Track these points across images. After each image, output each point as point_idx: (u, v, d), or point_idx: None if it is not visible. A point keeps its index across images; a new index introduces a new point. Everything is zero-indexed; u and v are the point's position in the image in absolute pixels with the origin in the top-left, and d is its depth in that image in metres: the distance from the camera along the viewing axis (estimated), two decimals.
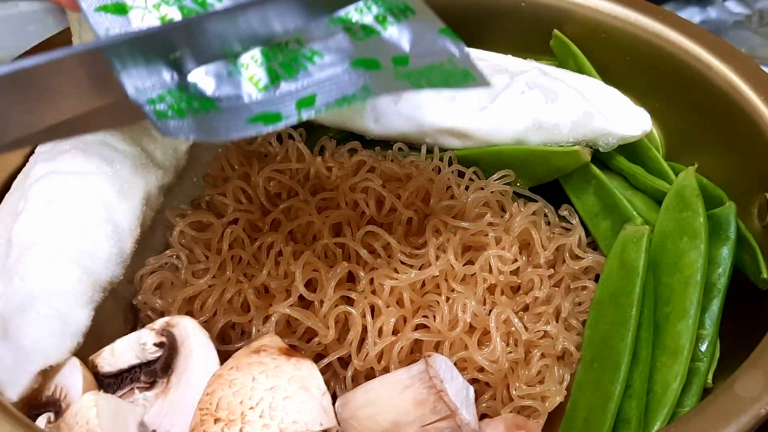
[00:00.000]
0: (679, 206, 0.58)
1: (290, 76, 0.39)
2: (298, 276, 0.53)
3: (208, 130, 0.37)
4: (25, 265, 0.50)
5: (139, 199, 0.55)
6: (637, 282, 0.55)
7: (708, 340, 0.54)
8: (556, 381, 0.54)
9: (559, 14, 0.71)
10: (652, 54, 0.67)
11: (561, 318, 0.57)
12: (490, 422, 0.49)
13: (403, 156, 0.64)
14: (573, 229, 0.61)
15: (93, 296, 0.51)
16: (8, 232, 0.53)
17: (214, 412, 0.43)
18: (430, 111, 0.62)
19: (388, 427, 0.45)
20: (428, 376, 0.45)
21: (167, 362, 0.49)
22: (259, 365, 0.45)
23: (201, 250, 0.57)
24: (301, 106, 0.39)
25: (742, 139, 0.61)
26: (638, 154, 0.64)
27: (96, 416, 0.43)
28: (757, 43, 0.92)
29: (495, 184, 0.61)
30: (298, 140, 0.63)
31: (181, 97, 0.37)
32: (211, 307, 0.54)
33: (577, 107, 0.61)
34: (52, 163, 0.55)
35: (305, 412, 0.43)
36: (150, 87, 0.37)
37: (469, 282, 0.55)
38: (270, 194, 0.60)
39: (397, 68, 0.41)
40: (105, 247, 0.52)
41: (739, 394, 0.44)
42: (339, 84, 0.40)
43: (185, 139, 0.43)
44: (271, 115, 0.38)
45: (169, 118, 0.37)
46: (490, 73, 0.64)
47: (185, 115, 0.37)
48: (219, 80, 0.38)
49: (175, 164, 0.61)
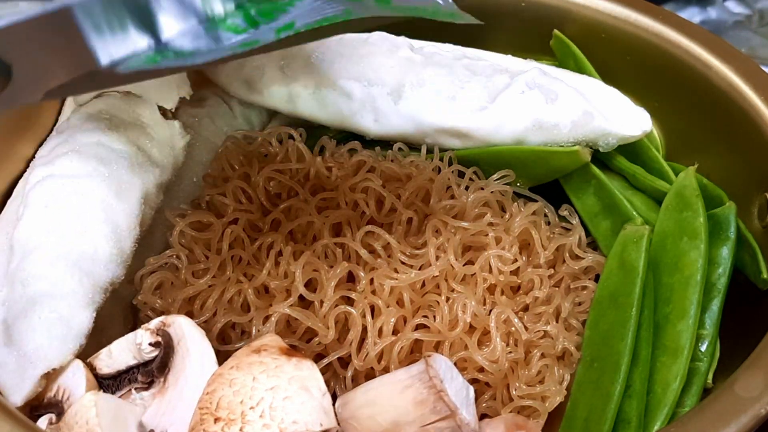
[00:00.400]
0: (679, 206, 0.58)
1: (271, 20, 0.39)
2: (298, 276, 0.53)
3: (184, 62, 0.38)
4: (25, 270, 0.50)
5: (137, 198, 0.55)
6: (637, 282, 0.55)
7: (708, 340, 0.54)
8: (556, 381, 0.54)
9: (559, 14, 0.71)
10: (652, 54, 0.67)
11: (561, 318, 0.57)
12: (490, 422, 0.49)
13: (403, 156, 0.64)
14: (573, 229, 0.61)
15: (94, 298, 0.51)
16: (9, 239, 0.53)
17: (214, 412, 0.43)
18: (430, 111, 0.62)
19: (388, 427, 0.45)
20: (428, 376, 0.45)
21: (164, 362, 0.49)
22: (260, 365, 0.45)
23: (201, 250, 0.57)
24: (280, 31, 0.39)
25: (742, 139, 0.61)
26: (638, 154, 0.64)
27: (96, 416, 0.43)
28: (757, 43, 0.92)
29: (495, 184, 0.61)
30: (298, 140, 0.63)
31: (156, 56, 0.38)
32: (211, 307, 0.54)
33: (577, 107, 0.61)
34: (50, 167, 0.55)
35: (305, 413, 0.43)
36: (124, 55, 0.37)
37: (469, 282, 0.55)
38: (270, 194, 0.60)
39: (379, 3, 0.40)
40: (105, 248, 0.52)
41: (739, 394, 0.44)
42: (319, 10, 0.39)
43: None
44: (249, 42, 0.39)
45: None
46: (490, 73, 0.64)
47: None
48: (196, 37, 0.38)
49: (173, 161, 0.61)
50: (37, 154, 0.59)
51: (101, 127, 0.58)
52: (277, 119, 0.72)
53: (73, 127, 0.59)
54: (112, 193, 0.54)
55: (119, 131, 0.58)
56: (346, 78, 0.64)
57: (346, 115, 0.65)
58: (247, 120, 0.72)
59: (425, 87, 0.63)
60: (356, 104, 0.64)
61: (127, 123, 0.60)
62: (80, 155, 0.55)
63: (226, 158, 0.62)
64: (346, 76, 0.64)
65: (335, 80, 0.65)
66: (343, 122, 0.66)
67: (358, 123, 0.65)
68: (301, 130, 0.65)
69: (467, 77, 0.63)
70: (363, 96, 0.64)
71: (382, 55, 0.65)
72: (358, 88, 0.64)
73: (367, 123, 0.65)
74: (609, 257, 0.59)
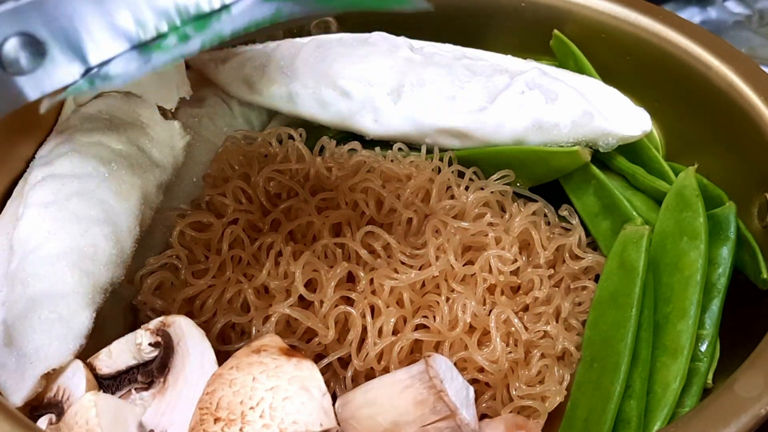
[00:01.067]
0: (679, 206, 0.58)
1: (201, 32, 0.39)
2: (298, 276, 0.53)
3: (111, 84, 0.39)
4: (25, 271, 0.50)
5: (137, 199, 0.55)
6: (637, 282, 0.55)
7: (708, 340, 0.54)
8: (556, 381, 0.54)
9: (559, 14, 0.71)
10: (652, 54, 0.67)
11: (561, 318, 0.57)
12: (490, 422, 0.49)
13: (403, 156, 0.64)
14: (573, 229, 0.61)
15: (94, 298, 0.51)
16: (9, 239, 0.53)
17: (214, 412, 0.43)
18: (430, 111, 0.62)
19: (388, 427, 0.45)
20: (428, 376, 0.45)
21: (163, 362, 0.49)
22: (260, 365, 0.45)
23: (201, 250, 0.57)
24: (207, 43, 0.39)
25: (742, 139, 0.61)
26: (638, 154, 0.64)
27: (96, 416, 0.43)
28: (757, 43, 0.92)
29: (495, 184, 0.61)
30: (298, 140, 0.63)
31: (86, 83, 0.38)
32: (211, 307, 0.54)
33: (577, 107, 0.61)
34: (50, 167, 0.55)
35: (305, 413, 0.43)
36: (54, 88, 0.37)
37: (469, 282, 0.55)
38: (270, 194, 0.60)
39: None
40: (105, 248, 0.52)
41: (739, 394, 0.44)
42: (248, 13, 0.39)
43: None
44: (178, 57, 0.39)
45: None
46: (490, 73, 0.64)
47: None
48: (128, 61, 0.39)
49: (173, 162, 0.61)
50: (37, 154, 0.59)
51: (101, 127, 0.58)
52: (277, 119, 0.72)
53: (73, 127, 0.59)
54: (112, 193, 0.54)
55: (119, 131, 0.58)
56: (346, 78, 0.64)
57: (346, 115, 0.65)
58: (247, 120, 0.72)
59: (425, 87, 0.63)
60: (356, 104, 0.64)
61: (127, 123, 0.60)
62: (80, 155, 0.55)
63: (226, 158, 0.62)
64: (346, 76, 0.64)
65: (335, 80, 0.65)
66: (343, 122, 0.66)
67: (358, 123, 0.65)
68: (301, 130, 0.65)
69: (467, 77, 0.63)
70: (363, 96, 0.64)
71: (382, 55, 0.65)
72: (358, 88, 0.64)
73: (366, 123, 0.65)
74: (609, 257, 0.59)
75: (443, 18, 0.74)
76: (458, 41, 0.70)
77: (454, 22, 0.74)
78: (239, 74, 0.69)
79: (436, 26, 0.73)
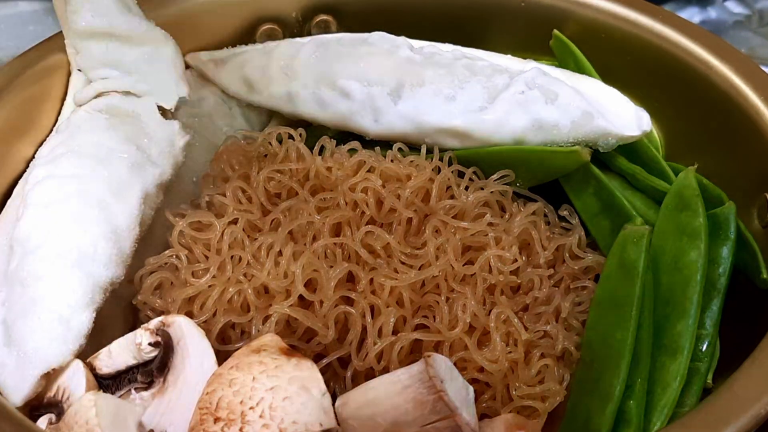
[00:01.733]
0: (679, 206, 0.58)
1: None
2: (298, 276, 0.53)
3: None
4: (25, 271, 0.50)
5: (136, 198, 0.55)
6: (637, 282, 0.55)
7: (708, 340, 0.54)
8: (556, 381, 0.54)
9: (559, 14, 0.71)
10: (652, 54, 0.67)
11: (561, 318, 0.57)
12: (490, 422, 0.49)
13: (403, 156, 0.64)
14: (573, 229, 0.61)
15: (94, 298, 0.51)
16: (9, 239, 0.53)
17: (214, 412, 0.43)
18: (430, 111, 0.62)
19: (388, 428, 0.45)
20: (428, 376, 0.45)
21: (163, 361, 0.49)
22: (260, 365, 0.45)
23: (201, 250, 0.57)
24: None
25: (742, 139, 0.61)
26: (638, 154, 0.64)
27: (95, 416, 0.43)
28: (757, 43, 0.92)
29: (495, 184, 0.61)
30: (298, 140, 0.63)
31: None
32: (211, 307, 0.54)
33: (577, 107, 0.61)
34: (49, 167, 0.55)
35: (305, 413, 0.43)
36: None
37: (469, 282, 0.55)
38: (270, 194, 0.60)
39: None
40: (104, 248, 0.52)
41: (739, 394, 0.44)
42: None
43: None
44: None
45: None
46: (490, 73, 0.64)
47: None
48: None
49: (173, 161, 0.61)
50: (37, 154, 0.59)
51: (101, 127, 0.58)
52: (277, 119, 0.72)
53: (73, 127, 0.59)
54: (112, 193, 0.54)
55: (119, 131, 0.58)
56: (346, 78, 0.64)
57: (346, 115, 0.65)
58: (247, 120, 0.72)
59: (425, 87, 0.63)
60: (356, 104, 0.64)
61: (126, 123, 0.60)
62: (80, 155, 0.55)
63: (226, 158, 0.62)
64: (346, 76, 0.64)
65: (335, 80, 0.65)
66: (342, 122, 0.66)
67: (358, 123, 0.65)
68: (301, 130, 0.65)
69: (467, 77, 0.63)
70: (363, 96, 0.64)
71: (381, 55, 0.65)
72: (358, 88, 0.64)
73: (366, 123, 0.65)
74: (609, 257, 0.59)
75: (443, 18, 0.74)
76: (458, 41, 0.70)
77: (454, 22, 0.74)
78: (239, 74, 0.69)
79: (436, 26, 0.73)
